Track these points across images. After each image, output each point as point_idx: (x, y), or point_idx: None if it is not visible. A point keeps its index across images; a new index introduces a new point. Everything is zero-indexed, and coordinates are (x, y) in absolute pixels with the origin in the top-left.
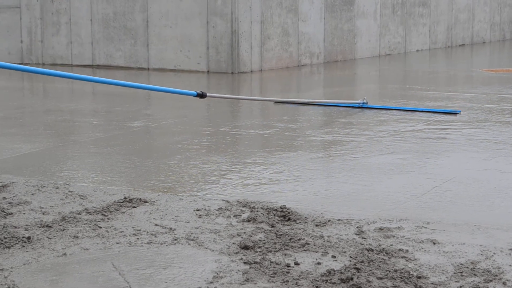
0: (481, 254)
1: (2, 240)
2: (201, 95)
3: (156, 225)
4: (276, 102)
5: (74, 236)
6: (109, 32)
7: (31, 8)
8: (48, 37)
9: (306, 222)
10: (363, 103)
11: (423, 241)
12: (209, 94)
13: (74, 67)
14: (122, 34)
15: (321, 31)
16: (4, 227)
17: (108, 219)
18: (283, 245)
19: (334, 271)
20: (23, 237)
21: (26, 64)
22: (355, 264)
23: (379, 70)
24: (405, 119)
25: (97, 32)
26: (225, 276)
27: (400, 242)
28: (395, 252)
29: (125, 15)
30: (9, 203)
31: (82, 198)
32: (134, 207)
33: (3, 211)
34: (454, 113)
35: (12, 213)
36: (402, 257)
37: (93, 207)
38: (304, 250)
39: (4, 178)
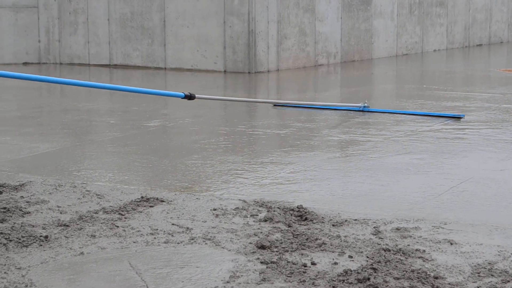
0: (499, 255)
1: (19, 239)
2: (190, 97)
3: (173, 224)
4: (275, 105)
5: (91, 235)
6: (127, 31)
7: (48, 7)
8: (65, 37)
9: (323, 222)
10: (364, 106)
11: (440, 242)
12: (198, 95)
13: (92, 67)
14: (139, 33)
15: (338, 31)
16: (21, 226)
17: (125, 218)
18: (300, 245)
19: (351, 271)
20: (41, 236)
21: (43, 63)
22: (372, 264)
23: (396, 70)
24: (422, 119)
25: (114, 31)
26: (241, 275)
27: (417, 242)
28: (412, 252)
29: (142, 15)
30: (27, 202)
31: (99, 197)
32: (151, 206)
33: (21, 210)
34: (458, 117)
35: (29, 212)
36: (419, 257)
37: (110, 206)
38: (321, 250)
39: (22, 177)
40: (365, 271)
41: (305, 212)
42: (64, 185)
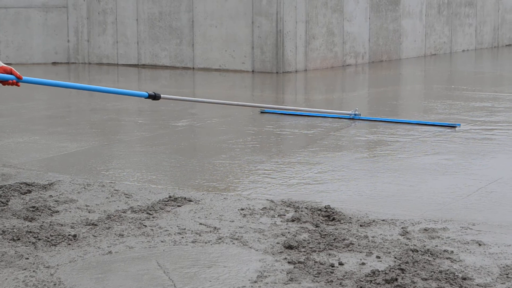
0: None
1: (48, 238)
2: (154, 97)
3: (200, 224)
4: (262, 111)
5: (120, 235)
6: (155, 31)
7: (78, 7)
8: (94, 37)
9: (350, 222)
10: (355, 114)
11: (468, 242)
12: (164, 95)
13: (120, 67)
14: (167, 33)
15: (366, 31)
16: (50, 225)
17: (153, 217)
18: (327, 245)
19: (379, 271)
20: (69, 235)
21: (72, 63)
22: (399, 265)
23: (425, 70)
24: (451, 119)
25: (142, 31)
26: (269, 275)
27: (445, 243)
28: (440, 253)
29: (170, 15)
30: (56, 201)
31: (128, 197)
32: (178, 206)
33: (49, 209)
34: (452, 126)
35: (58, 211)
36: (447, 258)
37: (138, 205)
38: (349, 250)
39: (50, 176)
40: (393, 271)
41: (333, 212)
42: (92, 184)
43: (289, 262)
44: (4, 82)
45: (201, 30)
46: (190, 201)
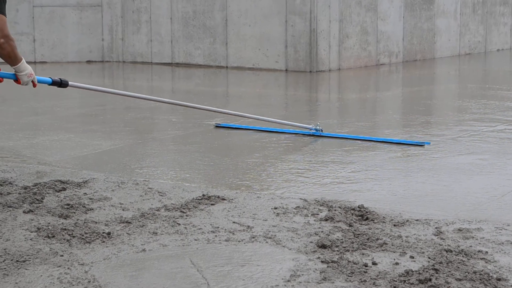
0: None
1: (83, 235)
2: (60, 83)
3: (234, 222)
4: (216, 125)
5: (153, 233)
6: (189, 30)
7: (112, 6)
8: (128, 35)
9: (384, 222)
10: (316, 130)
11: (503, 243)
12: (72, 83)
13: (154, 65)
14: (201, 32)
15: (400, 30)
16: (85, 222)
17: (186, 216)
18: (360, 244)
19: (412, 271)
20: (103, 232)
21: (107, 62)
22: (433, 265)
23: (459, 69)
24: (486, 119)
25: (176, 30)
26: (302, 274)
27: (479, 243)
28: (474, 254)
29: (204, 14)
30: (90, 199)
31: (161, 195)
32: (212, 204)
33: (84, 207)
34: (420, 145)
35: (92, 209)
36: (482, 258)
37: (172, 204)
38: (382, 250)
39: (85, 174)
40: (427, 271)
41: (366, 212)
42: (126, 182)
43: (322, 262)
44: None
45: (234, 29)
46: (224, 199)
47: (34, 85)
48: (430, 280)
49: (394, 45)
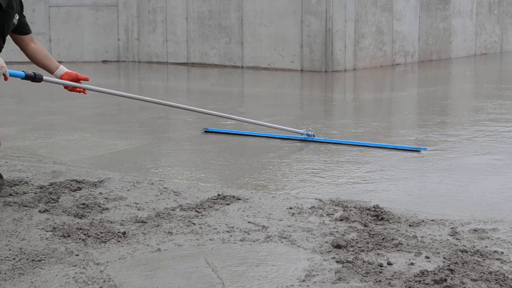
0: None
1: (98, 235)
2: (34, 78)
3: (249, 222)
4: (206, 130)
5: (168, 232)
6: (204, 30)
7: (128, 6)
8: (144, 35)
9: (399, 222)
10: (308, 134)
11: None
12: (46, 77)
13: (169, 65)
14: (217, 32)
15: (416, 30)
16: (100, 222)
17: (201, 215)
18: (376, 244)
19: (428, 272)
20: (119, 232)
21: (122, 62)
22: (449, 265)
23: (475, 69)
24: (502, 119)
25: (192, 30)
26: (317, 274)
27: (495, 244)
28: (490, 254)
29: (220, 14)
30: (105, 198)
31: (176, 195)
32: (227, 204)
33: (99, 206)
34: (417, 151)
35: (108, 209)
36: (497, 259)
37: (187, 203)
38: (397, 250)
39: (100, 173)
40: (442, 272)
41: (382, 212)
42: (141, 182)
43: (337, 262)
44: (72, 88)
45: (250, 28)
46: (239, 199)
47: (6, 78)
48: (445, 280)
49: (409, 45)
